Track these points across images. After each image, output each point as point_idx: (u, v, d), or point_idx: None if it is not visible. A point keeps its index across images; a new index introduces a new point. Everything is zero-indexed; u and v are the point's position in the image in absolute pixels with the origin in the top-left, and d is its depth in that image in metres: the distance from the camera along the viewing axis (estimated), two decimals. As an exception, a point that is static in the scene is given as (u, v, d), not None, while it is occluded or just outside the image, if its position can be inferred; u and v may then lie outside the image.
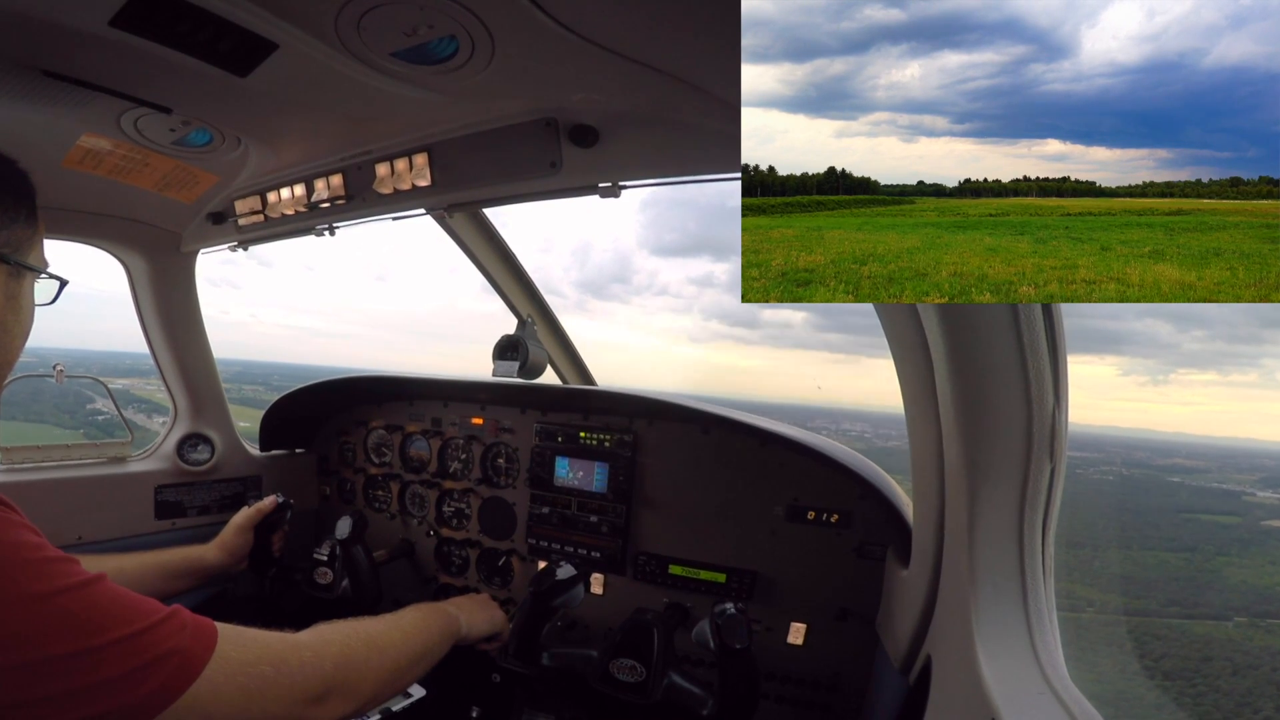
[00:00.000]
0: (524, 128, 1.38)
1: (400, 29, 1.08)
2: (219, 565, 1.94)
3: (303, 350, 77.39)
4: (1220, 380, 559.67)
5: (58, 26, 1.09)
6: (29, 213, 1.05)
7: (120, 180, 1.77)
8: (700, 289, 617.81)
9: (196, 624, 0.98)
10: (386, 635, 1.37)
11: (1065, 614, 1.08)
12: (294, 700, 1.07)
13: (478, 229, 2.28)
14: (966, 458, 1.08)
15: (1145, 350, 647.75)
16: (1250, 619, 22.22)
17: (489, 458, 2.40)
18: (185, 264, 2.29)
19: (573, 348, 2.81)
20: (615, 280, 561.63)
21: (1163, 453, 39.49)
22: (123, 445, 2.30)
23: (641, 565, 2.09)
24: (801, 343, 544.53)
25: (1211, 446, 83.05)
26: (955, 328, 1.01)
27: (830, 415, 31.54)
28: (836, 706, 1.85)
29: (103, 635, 0.86)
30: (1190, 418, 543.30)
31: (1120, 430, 66.36)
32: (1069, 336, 1.02)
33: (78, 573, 0.89)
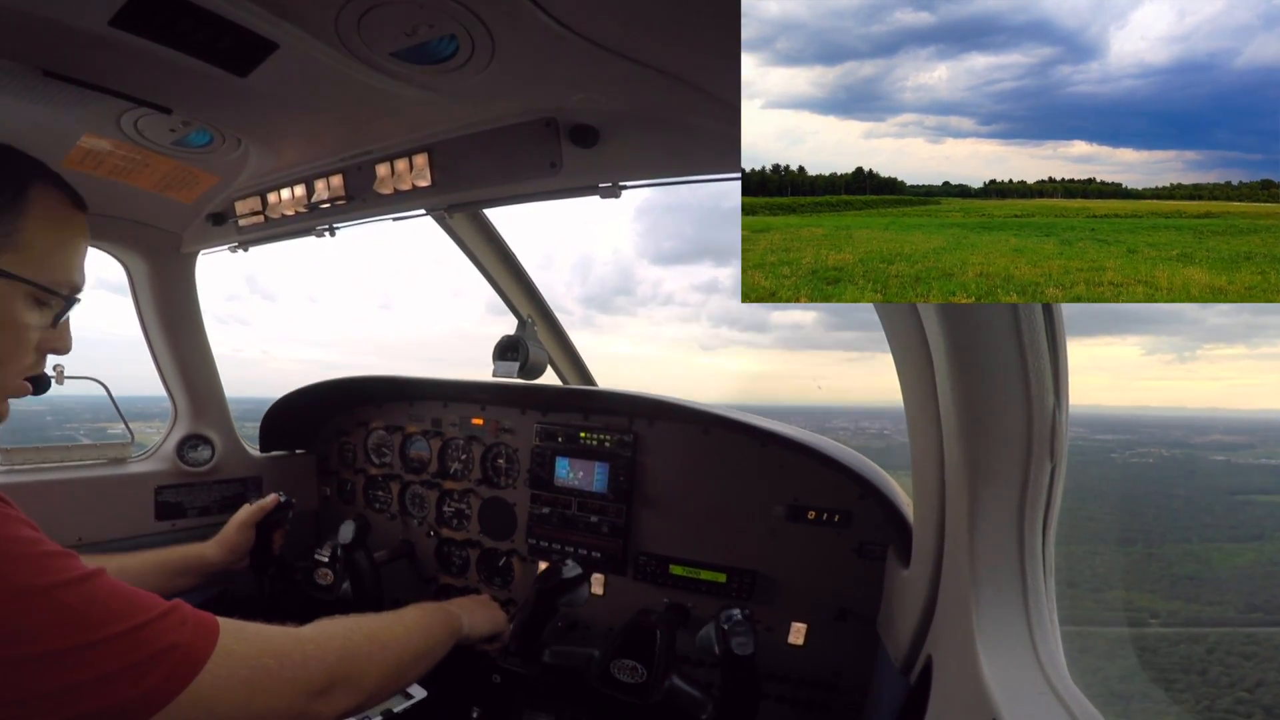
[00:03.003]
0: (524, 128, 1.38)
1: (400, 29, 1.08)
2: (220, 562, 1.94)
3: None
4: (1249, 353, 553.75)
5: (58, 26, 1.09)
6: (2, 204, 0.94)
7: (120, 181, 1.77)
8: (706, 295, 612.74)
9: (198, 618, 0.98)
10: (389, 631, 1.36)
11: (1127, 630, 1.04)
12: (297, 693, 1.06)
13: (478, 229, 2.28)
14: (967, 457, 1.08)
15: (1169, 327, 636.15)
16: None
17: (489, 458, 2.40)
18: (185, 265, 2.29)
19: (573, 348, 2.81)
20: (619, 293, 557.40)
21: (1199, 430, 36.67)
22: (122, 446, 2.29)
23: (642, 565, 2.09)
24: (815, 343, 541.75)
25: (1249, 420, 79.70)
26: (955, 327, 1.01)
27: (849, 414, 31.18)
28: (837, 706, 1.85)
29: (102, 630, 0.85)
30: (1222, 392, 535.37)
31: (1152, 410, 64.34)
32: (1090, 319, 1.00)
33: (76, 568, 0.89)
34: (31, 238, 0.97)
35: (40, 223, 0.99)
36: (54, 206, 1.02)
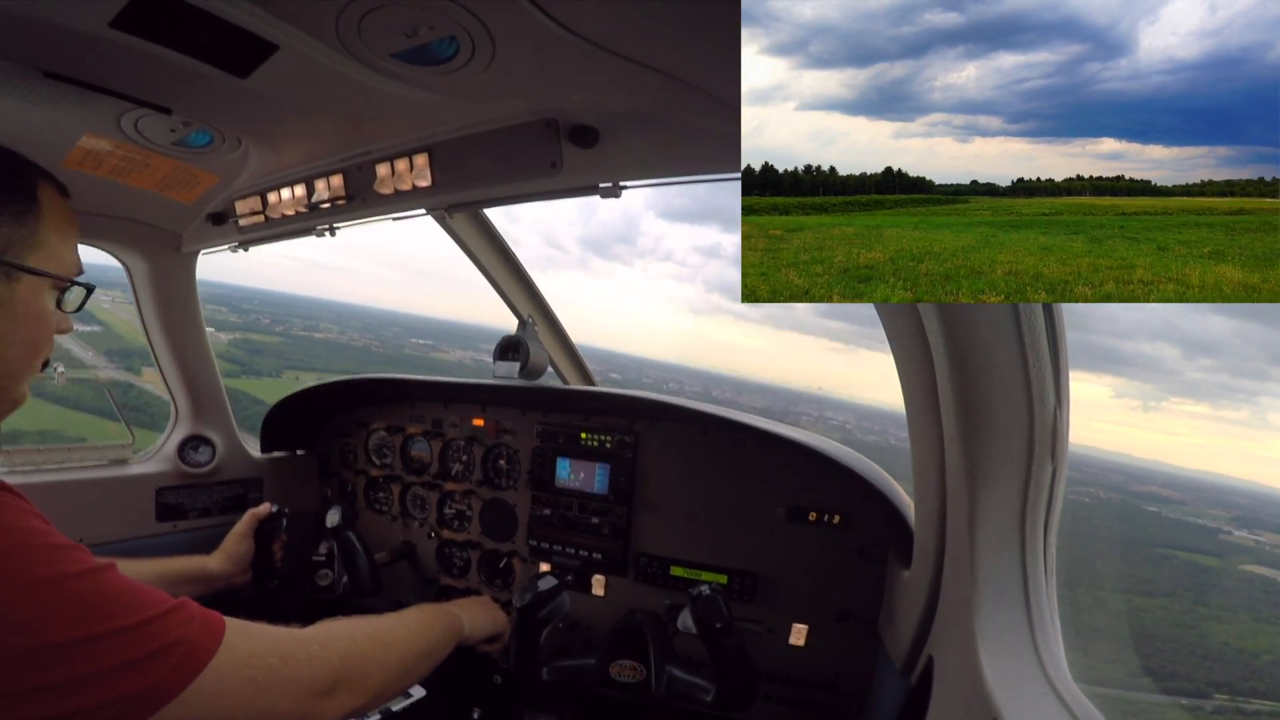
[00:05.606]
0: (524, 128, 1.38)
1: (401, 30, 1.08)
2: (223, 574, 1.94)
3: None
4: (1210, 414, 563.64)
5: (58, 27, 1.09)
6: (21, 209, 0.99)
7: (121, 181, 1.77)
8: (706, 259, 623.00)
9: (204, 615, 0.98)
10: (392, 632, 1.37)
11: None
12: (301, 693, 1.06)
13: (478, 229, 2.29)
14: (968, 458, 1.08)
15: (1146, 374, 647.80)
16: (1231, 697, 18.99)
17: (490, 459, 2.40)
18: (186, 265, 2.29)
19: (573, 348, 2.81)
20: (620, 240, 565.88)
21: (1140, 479, 37.08)
22: (124, 447, 2.29)
23: (643, 567, 2.08)
24: (802, 325, 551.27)
25: (1187, 478, 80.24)
26: (956, 328, 1.01)
27: (818, 403, 31.40)
28: (838, 707, 1.85)
29: (110, 622, 0.86)
30: (1171, 446, 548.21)
31: (1101, 452, 64.17)
32: (1074, 351, 1.00)
33: (85, 560, 0.89)
34: (47, 235, 1.03)
35: (49, 219, 1.04)
36: (55, 201, 1.06)
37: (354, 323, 60.89)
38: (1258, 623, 25.19)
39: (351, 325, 56.74)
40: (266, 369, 31.93)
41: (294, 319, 49.79)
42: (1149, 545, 26.43)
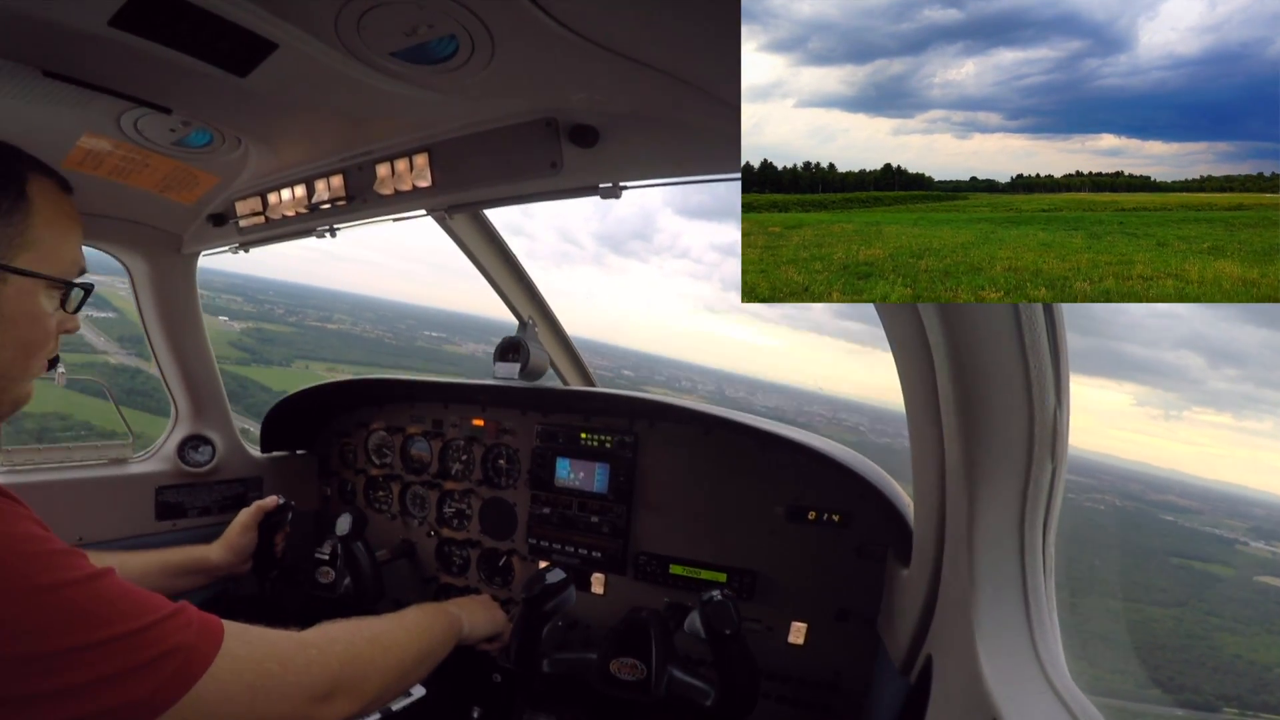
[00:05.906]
0: (524, 128, 1.38)
1: (400, 29, 1.08)
2: (223, 564, 1.94)
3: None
4: (1233, 424, 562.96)
5: (58, 26, 1.09)
6: (7, 206, 0.95)
7: (121, 181, 1.77)
8: (723, 257, 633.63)
9: (203, 621, 0.98)
10: (391, 634, 1.36)
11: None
12: (300, 698, 1.06)
13: (478, 229, 2.28)
14: (967, 458, 1.08)
15: (1168, 382, 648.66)
16: (1241, 712, 18.42)
17: (490, 459, 2.40)
18: (186, 266, 2.29)
19: (573, 348, 2.81)
20: (636, 236, 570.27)
21: (1157, 488, 36.92)
22: (123, 447, 2.30)
23: (642, 565, 2.09)
24: (818, 326, 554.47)
25: (1205, 488, 79.86)
26: (956, 328, 1.01)
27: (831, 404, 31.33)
28: (837, 706, 1.85)
29: (108, 629, 0.85)
30: (1190, 457, 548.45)
31: (1120, 460, 63.41)
32: (1095, 357, 0.99)
33: (84, 566, 0.89)
34: (41, 233, 0.99)
35: (44, 216, 1.01)
36: (51, 196, 1.03)
37: (368, 314, 60.86)
38: (1271, 635, 24.79)
39: (365, 317, 56.70)
40: (277, 358, 31.98)
41: (308, 309, 49.92)
42: (1163, 554, 26.08)
